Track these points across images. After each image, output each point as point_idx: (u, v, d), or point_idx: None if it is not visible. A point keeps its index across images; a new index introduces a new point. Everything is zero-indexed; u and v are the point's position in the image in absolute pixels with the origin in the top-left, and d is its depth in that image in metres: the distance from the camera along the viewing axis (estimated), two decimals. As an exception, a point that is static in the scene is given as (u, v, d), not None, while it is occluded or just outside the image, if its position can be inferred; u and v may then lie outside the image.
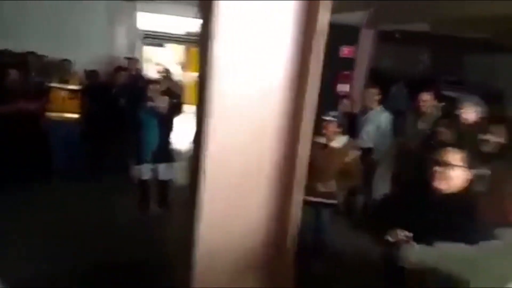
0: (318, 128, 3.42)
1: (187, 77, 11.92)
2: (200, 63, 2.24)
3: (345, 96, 5.75)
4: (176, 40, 11.73)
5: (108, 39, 9.00)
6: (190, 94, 8.62)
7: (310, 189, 2.86)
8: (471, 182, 2.09)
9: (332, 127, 3.57)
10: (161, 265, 3.45)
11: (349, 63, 9.69)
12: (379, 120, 4.57)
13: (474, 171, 2.08)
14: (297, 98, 2.08)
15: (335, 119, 3.60)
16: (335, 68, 9.48)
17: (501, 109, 9.12)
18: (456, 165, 2.04)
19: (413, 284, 2.02)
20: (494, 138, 2.76)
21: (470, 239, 1.74)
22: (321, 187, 3.46)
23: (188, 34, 10.86)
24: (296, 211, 2.19)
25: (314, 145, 2.16)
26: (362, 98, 4.89)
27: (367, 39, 9.34)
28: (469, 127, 3.29)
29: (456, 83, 12.44)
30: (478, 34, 10.87)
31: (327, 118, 3.55)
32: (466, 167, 2.06)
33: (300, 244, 2.27)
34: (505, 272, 1.26)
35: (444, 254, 1.71)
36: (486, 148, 2.74)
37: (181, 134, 5.88)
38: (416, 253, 1.81)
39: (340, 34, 8.83)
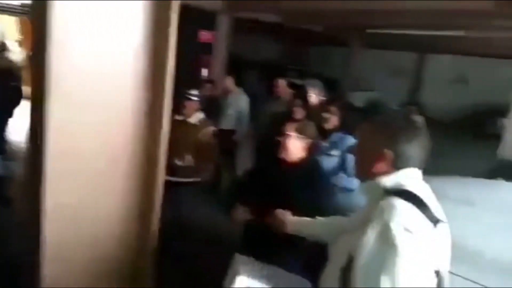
0: (177, 107, 3.45)
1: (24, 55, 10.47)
2: (35, 38, 1.84)
3: (208, 80, 5.88)
4: (9, 11, 10.15)
5: None
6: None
7: (170, 169, 2.83)
8: (310, 151, 2.30)
9: (191, 106, 3.69)
10: (3, 265, 3.10)
11: (209, 48, 9.88)
12: (238, 103, 4.86)
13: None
14: (153, 82, 1.94)
15: (195, 98, 3.72)
16: (196, 52, 9.59)
17: (336, 93, 10.58)
18: (291, 135, 2.27)
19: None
20: (330, 116, 3.21)
21: (314, 202, 2.04)
22: (178, 162, 3.52)
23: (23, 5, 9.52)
24: (158, 193, 2.07)
25: (172, 122, 2.12)
26: (222, 82, 5.09)
27: (224, 25, 9.64)
28: (314, 108, 3.78)
29: (302, 71, 13.84)
30: (319, 27, 12.24)
31: (188, 96, 3.64)
32: (301, 137, 2.27)
33: (164, 225, 2.22)
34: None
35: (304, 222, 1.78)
36: (327, 126, 3.19)
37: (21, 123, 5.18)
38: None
39: (200, 19, 8.95)
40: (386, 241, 1.09)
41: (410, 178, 1.25)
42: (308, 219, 1.76)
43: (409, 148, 1.23)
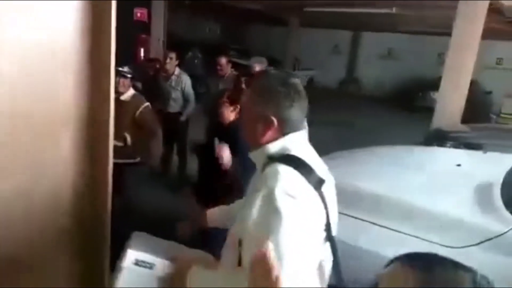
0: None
1: None
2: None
3: (150, 60, 5.65)
4: None
5: None
6: None
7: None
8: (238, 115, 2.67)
9: (124, 83, 3.59)
10: None
11: (146, 27, 9.52)
12: (181, 84, 4.73)
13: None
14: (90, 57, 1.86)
15: (128, 75, 3.62)
16: (132, 31, 9.18)
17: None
18: (224, 101, 2.76)
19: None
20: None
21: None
22: (116, 142, 3.38)
23: None
24: (107, 175, 2.01)
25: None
26: (163, 63, 4.90)
27: (159, 3, 9.29)
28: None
29: (243, 51, 13.79)
30: (256, 6, 12.19)
31: (121, 73, 3.50)
32: (229, 103, 2.75)
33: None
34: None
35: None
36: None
37: None
38: None
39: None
40: (270, 206, 1.10)
41: (295, 142, 1.25)
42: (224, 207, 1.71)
43: (293, 112, 1.22)
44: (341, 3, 10.54)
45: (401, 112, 11.83)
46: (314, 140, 2.85)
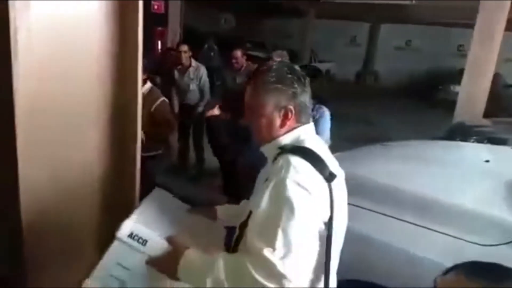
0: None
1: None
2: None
3: (168, 49, 5.63)
4: None
5: None
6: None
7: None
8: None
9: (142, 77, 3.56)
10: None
11: (163, 19, 9.53)
12: (198, 76, 4.74)
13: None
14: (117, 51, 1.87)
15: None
16: (150, 23, 9.19)
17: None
18: None
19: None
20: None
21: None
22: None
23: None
24: (135, 166, 2.04)
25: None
26: (179, 55, 4.91)
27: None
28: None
29: (258, 43, 13.69)
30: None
31: None
32: None
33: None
34: None
35: None
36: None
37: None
38: None
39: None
40: (280, 196, 1.10)
41: (307, 134, 1.26)
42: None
43: (305, 98, 1.24)
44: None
45: (421, 105, 11.61)
46: (333, 135, 2.85)
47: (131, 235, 1.32)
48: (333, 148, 1.51)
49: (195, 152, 5.00)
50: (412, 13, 12.04)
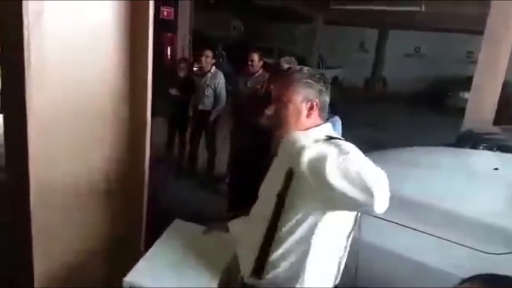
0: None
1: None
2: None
3: (181, 60, 5.65)
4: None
5: None
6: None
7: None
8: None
9: None
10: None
11: (172, 25, 9.61)
12: (215, 82, 4.77)
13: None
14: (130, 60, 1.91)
15: None
16: (159, 29, 9.29)
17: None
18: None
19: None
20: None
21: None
22: None
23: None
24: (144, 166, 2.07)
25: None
26: (197, 62, 4.95)
27: (185, 1, 9.37)
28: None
29: (266, 49, 13.74)
30: (281, 3, 12.14)
31: None
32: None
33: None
34: None
35: None
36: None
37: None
38: None
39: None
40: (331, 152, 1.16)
41: (330, 132, 1.37)
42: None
43: (327, 97, 1.38)
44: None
45: (430, 112, 11.54)
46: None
47: None
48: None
49: (207, 156, 5.03)
50: (421, 19, 12.01)
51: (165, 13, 9.99)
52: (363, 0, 10.51)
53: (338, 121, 2.80)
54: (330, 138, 1.28)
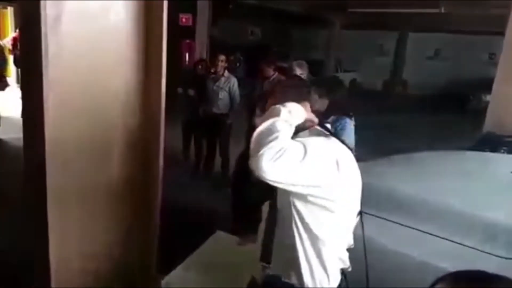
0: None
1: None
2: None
3: (199, 61, 5.76)
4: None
5: None
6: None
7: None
8: None
9: None
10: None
11: (191, 32, 9.74)
12: (229, 86, 4.84)
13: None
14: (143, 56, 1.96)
15: None
16: (178, 36, 9.45)
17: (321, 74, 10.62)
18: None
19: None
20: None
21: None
22: None
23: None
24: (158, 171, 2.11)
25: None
26: (212, 66, 5.02)
27: (204, 8, 9.49)
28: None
29: (283, 54, 13.77)
30: (299, 8, 12.16)
31: None
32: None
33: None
34: None
35: None
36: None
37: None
38: None
39: (179, 1, 8.79)
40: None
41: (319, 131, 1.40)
42: None
43: (318, 100, 1.49)
44: (387, 3, 10.30)
45: (450, 115, 11.32)
46: (359, 145, 2.84)
47: None
48: (358, 158, 1.54)
49: (221, 159, 5.08)
50: (441, 21, 11.83)
51: (184, 19, 10.15)
52: (380, 1, 10.40)
53: (347, 123, 2.78)
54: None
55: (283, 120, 1.20)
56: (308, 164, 1.13)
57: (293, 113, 1.25)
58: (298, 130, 1.31)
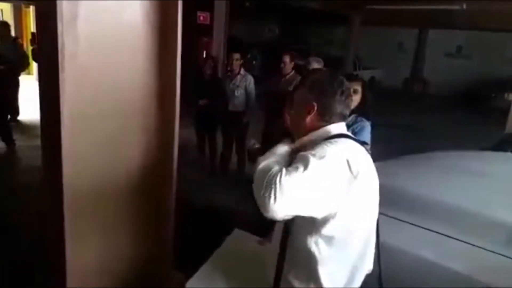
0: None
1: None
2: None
3: (207, 58, 5.77)
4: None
5: None
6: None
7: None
8: None
9: None
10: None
11: (209, 30, 9.77)
12: (245, 84, 4.83)
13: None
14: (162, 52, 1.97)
15: None
16: (196, 34, 9.50)
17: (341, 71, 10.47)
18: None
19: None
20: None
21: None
22: None
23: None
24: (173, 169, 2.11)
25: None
26: (228, 64, 5.02)
27: (221, 6, 9.49)
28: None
29: (301, 51, 13.68)
30: (314, 4, 12.02)
31: None
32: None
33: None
34: None
35: None
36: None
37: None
38: None
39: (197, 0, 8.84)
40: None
41: (337, 129, 1.33)
42: None
43: (334, 104, 1.31)
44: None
45: (472, 114, 11.06)
46: (379, 144, 2.78)
47: None
48: (376, 157, 1.51)
49: (237, 157, 5.09)
50: (463, 18, 11.55)
51: (201, 17, 10.19)
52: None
53: (366, 124, 2.71)
54: (329, 138, 1.28)
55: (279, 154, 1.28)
56: (314, 185, 1.12)
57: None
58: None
